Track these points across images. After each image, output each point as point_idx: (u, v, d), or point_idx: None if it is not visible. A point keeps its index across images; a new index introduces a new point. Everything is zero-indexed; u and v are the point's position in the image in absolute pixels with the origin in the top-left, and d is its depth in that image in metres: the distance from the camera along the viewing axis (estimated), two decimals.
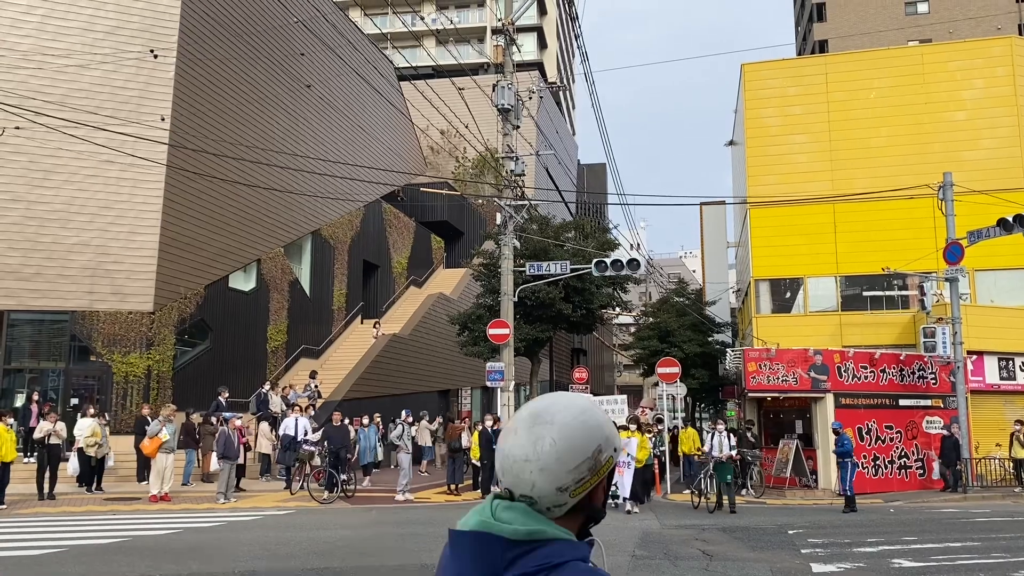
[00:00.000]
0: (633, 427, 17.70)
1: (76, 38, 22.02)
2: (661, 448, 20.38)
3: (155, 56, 21.91)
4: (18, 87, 20.53)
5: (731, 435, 17.59)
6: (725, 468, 16.59)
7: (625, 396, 23.18)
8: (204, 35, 23.62)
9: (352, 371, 27.00)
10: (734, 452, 17.39)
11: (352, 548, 10.42)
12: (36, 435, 16.79)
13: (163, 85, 22.09)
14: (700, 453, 18.09)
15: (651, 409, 22.64)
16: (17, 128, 19.49)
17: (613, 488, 15.22)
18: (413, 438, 24.64)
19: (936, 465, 21.05)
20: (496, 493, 1.54)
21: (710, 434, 17.83)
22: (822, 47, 49.77)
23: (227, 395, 20.46)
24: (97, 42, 22.09)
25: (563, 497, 1.49)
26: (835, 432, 17.43)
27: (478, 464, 18.96)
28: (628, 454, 15.98)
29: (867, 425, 20.76)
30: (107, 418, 17.69)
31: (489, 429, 18.33)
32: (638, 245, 29.91)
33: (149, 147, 19.91)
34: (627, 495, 16.13)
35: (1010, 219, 18.92)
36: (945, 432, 20.91)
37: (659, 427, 22.11)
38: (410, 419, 18.53)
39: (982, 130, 27.50)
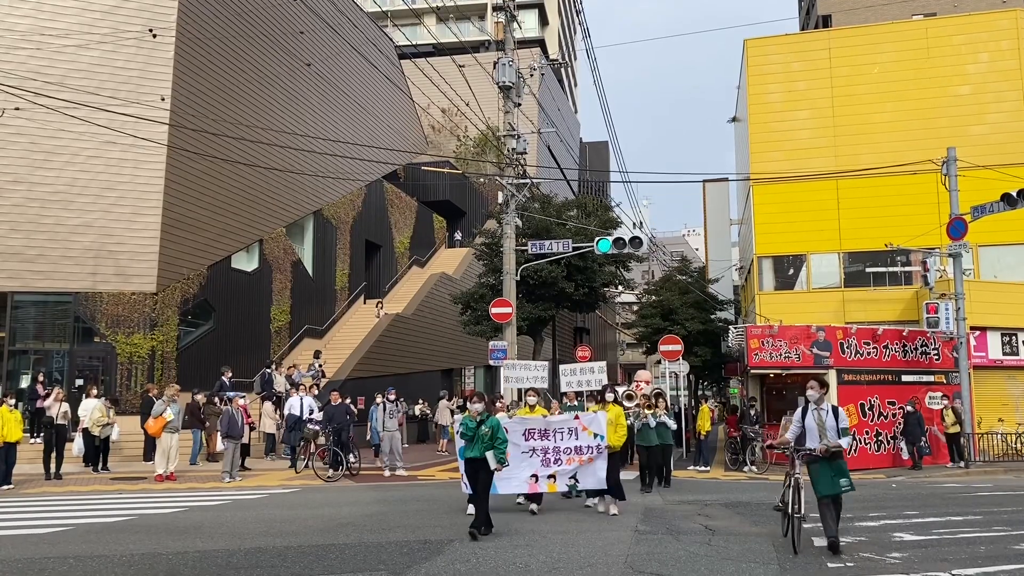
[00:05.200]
0: (605, 398, 13.05)
1: (74, 18, 21.91)
2: (653, 426, 15.58)
3: (154, 35, 21.82)
4: (17, 68, 20.45)
5: (836, 413, 9.12)
6: (826, 469, 8.79)
7: (603, 363, 20.33)
8: (203, 14, 23.48)
9: (355, 351, 27.08)
10: (844, 442, 8.89)
11: (356, 525, 10.49)
12: (41, 404, 16.97)
13: (163, 65, 22.00)
14: (785, 446, 9.42)
15: (647, 383, 20.78)
16: (17, 109, 19.44)
17: (572, 482, 11.87)
18: (432, 417, 24.62)
19: (903, 445, 20.53)
20: None
21: (799, 410, 9.31)
22: (825, 22, 49.28)
23: (230, 375, 20.56)
24: (96, 22, 21.98)
25: None
26: None
27: None
28: (596, 435, 11.62)
29: (870, 401, 20.79)
30: (109, 404, 17.73)
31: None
32: (641, 223, 29.74)
33: (150, 127, 19.87)
34: (600, 487, 11.78)
35: (1014, 194, 18.81)
36: (908, 408, 20.54)
37: (661, 402, 21.08)
38: (391, 396, 18.33)
39: (987, 104, 27.32)
